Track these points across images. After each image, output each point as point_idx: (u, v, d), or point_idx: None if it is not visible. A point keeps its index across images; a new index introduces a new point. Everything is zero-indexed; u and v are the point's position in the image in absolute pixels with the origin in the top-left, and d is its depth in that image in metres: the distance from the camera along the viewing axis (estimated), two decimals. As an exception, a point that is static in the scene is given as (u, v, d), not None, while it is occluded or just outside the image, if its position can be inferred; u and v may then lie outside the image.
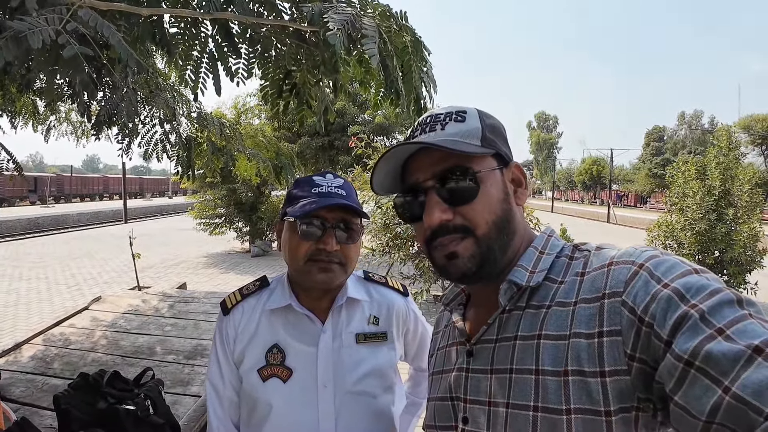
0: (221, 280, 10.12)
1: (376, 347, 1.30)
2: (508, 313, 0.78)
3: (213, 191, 13.39)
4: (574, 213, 39.29)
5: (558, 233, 0.87)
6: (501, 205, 0.79)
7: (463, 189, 0.78)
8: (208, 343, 3.03)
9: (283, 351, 1.24)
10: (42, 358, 2.90)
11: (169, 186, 59.38)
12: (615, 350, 0.63)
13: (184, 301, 3.91)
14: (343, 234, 1.19)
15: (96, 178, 52.26)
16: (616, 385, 0.63)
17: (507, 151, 0.83)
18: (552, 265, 0.78)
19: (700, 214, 8.35)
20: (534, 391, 0.70)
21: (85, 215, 27.25)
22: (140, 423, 1.87)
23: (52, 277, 10.53)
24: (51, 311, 7.61)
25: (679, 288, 0.60)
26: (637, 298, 0.62)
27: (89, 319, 3.54)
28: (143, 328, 3.34)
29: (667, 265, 0.64)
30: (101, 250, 14.65)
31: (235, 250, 14.19)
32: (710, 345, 0.53)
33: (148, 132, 3.88)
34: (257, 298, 1.32)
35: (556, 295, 0.73)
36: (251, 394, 1.24)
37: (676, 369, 0.55)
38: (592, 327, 0.66)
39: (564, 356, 0.68)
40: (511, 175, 0.83)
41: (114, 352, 2.94)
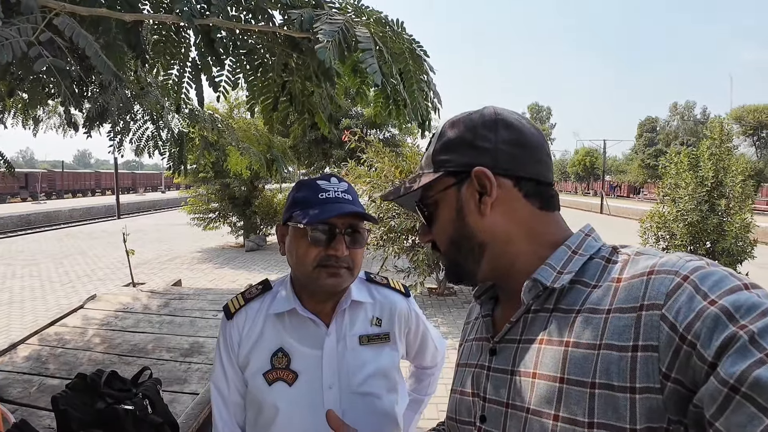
0: (216, 275, 10.10)
1: (379, 348, 1.32)
2: (534, 313, 0.76)
3: (206, 186, 13.33)
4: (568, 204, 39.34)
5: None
6: (452, 224, 0.80)
7: (425, 216, 0.86)
8: (204, 340, 3.03)
9: (288, 355, 1.25)
10: (38, 358, 2.89)
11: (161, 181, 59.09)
12: (649, 367, 0.60)
13: (179, 299, 3.90)
14: (351, 238, 1.21)
15: (88, 173, 51.89)
16: (646, 403, 0.60)
17: (469, 158, 0.78)
18: (585, 267, 0.74)
19: (692, 205, 8.41)
20: (557, 400, 0.67)
21: (78, 211, 27.08)
22: (139, 422, 1.87)
23: (46, 274, 10.46)
24: (45, 309, 7.58)
25: (727, 306, 0.55)
26: (680, 315, 0.58)
27: (84, 318, 3.53)
28: (139, 327, 3.33)
29: (715, 279, 0.59)
30: (94, 246, 14.57)
31: (230, 245, 14.16)
32: (759, 371, 0.49)
33: (139, 128, 3.86)
34: (260, 302, 1.33)
35: (588, 300, 0.69)
36: (257, 397, 1.25)
37: (720, 394, 0.52)
38: (626, 340, 0.62)
39: (592, 367, 0.64)
40: (477, 183, 0.77)
41: (110, 351, 2.94)
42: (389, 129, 17.11)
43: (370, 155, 8.19)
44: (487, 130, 0.79)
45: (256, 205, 13.48)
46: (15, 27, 1.14)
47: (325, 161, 17.35)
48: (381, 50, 1.44)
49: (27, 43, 1.14)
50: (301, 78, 1.91)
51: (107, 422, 1.84)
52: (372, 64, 1.31)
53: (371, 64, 1.32)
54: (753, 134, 42.73)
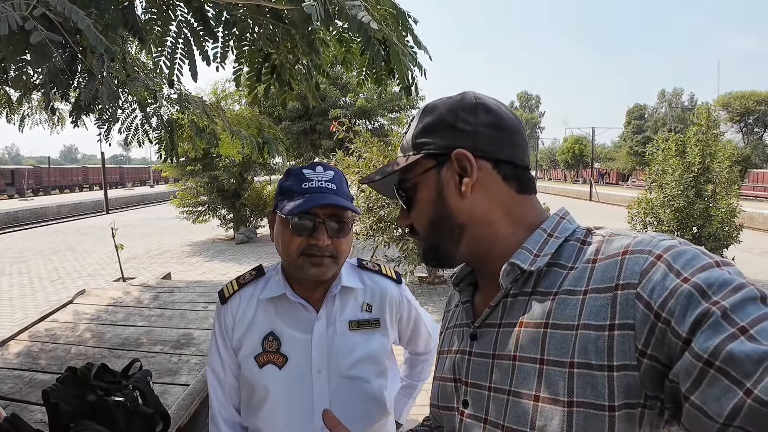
0: (206, 268, 10.07)
1: (369, 334, 1.34)
2: (512, 297, 0.76)
3: (195, 179, 13.23)
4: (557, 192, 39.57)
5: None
6: (432, 205, 0.81)
7: (403, 200, 0.86)
8: (194, 332, 3.04)
9: (279, 338, 1.29)
10: (28, 353, 2.89)
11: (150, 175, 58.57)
12: (625, 344, 0.61)
13: (169, 292, 3.90)
14: (334, 227, 1.22)
15: (75, 169, 51.22)
16: (623, 380, 0.62)
17: (449, 141, 0.79)
18: (561, 250, 0.75)
19: (678, 191, 8.49)
20: (537, 381, 0.68)
21: (65, 207, 26.80)
22: (130, 414, 1.89)
23: (35, 271, 10.38)
24: (35, 306, 7.53)
25: (700, 283, 0.57)
26: (654, 293, 0.60)
27: (74, 313, 3.52)
28: (129, 320, 3.33)
29: (687, 257, 0.61)
30: (83, 242, 14.44)
31: (220, 238, 14.10)
32: (732, 345, 0.51)
33: (127, 117, 3.83)
34: (254, 287, 1.36)
35: (565, 282, 0.71)
36: (249, 379, 1.29)
37: (695, 368, 0.53)
38: (603, 319, 0.64)
39: (571, 347, 0.66)
40: (457, 165, 0.78)
41: (100, 345, 2.94)
42: (378, 119, 17.07)
43: (359, 145, 8.18)
44: (467, 113, 0.80)
45: (246, 198, 13.42)
46: (9, 2, 1.14)
47: (313, 152, 17.29)
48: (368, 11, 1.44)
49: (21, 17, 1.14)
50: (286, 49, 1.92)
51: (98, 414, 1.85)
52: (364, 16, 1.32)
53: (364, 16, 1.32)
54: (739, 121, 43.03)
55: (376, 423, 1.34)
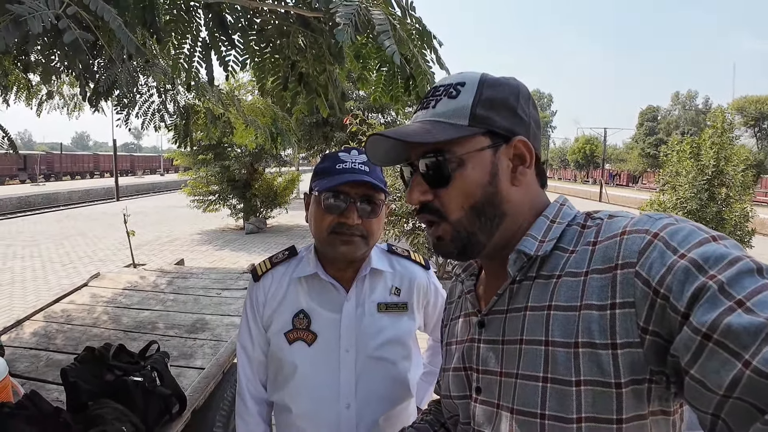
0: (216, 257, 10.14)
1: (396, 317, 1.37)
2: (518, 283, 0.77)
3: (206, 168, 13.31)
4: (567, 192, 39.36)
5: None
6: (482, 189, 0.76)
7: (438, 173, 0.77)
8: (209, 317, 3.06)
9: (309, 316, 1.32)
10: (44, 334, 2.91)
11: (160, 163, 58.89)
12: (627, 322, 0.62)
13: (183, 277, 3.92)
14: (366, 208, 1.25)
15: (86, 156, 51.64)
16: (628, 357, 0.62)
17: (510, 124, 0.77)
18: (563, 234, 0.76)
19: (691, 193, 8.45)
20: (543, 362, 0.69)
21: (77, 193, 27.07)
22: (148, 394, 1.90)
23: (47, 255, 10.49)
24: (47, 289, 7.62)
25: (696, 258, 0.58)
26: (653, 270, 0.61)
27: (89, 295, 3.55)
28: (144, 304, 3.35)
29: (684, 234, 0.62)
30: (94, 228, 14.57)
31: (230, 227, 14.18)
32: (730, 318, 0.52)
33: (145, 102, 3.87)
34: (286, 266, 1.40)
35: (567, 265, 0.72)
36: (278, 355, 1.33)
37: (694, 342, 0.54)
38: (605, 298, 0.65)
39: (575, 328, 0.67)
40: (513, 151, 0.77)
41: (116, 327, 2.96)
42: (391, 113, 17.06)
43: (372, 139, 8.19)
44: (525, 102, 0.79)
45: (256, 188, 13.50)
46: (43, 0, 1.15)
47: (325, 144, 17.31)
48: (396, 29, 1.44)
49: (55, 15, 1.15)
50: (312, 57, 1.92)
51: (116, 393, 1.87)
52: (390, 46, 1.33)
53: (389, 46, 1.33)
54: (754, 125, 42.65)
55: (400, 404, 1.37)
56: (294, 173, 15.48)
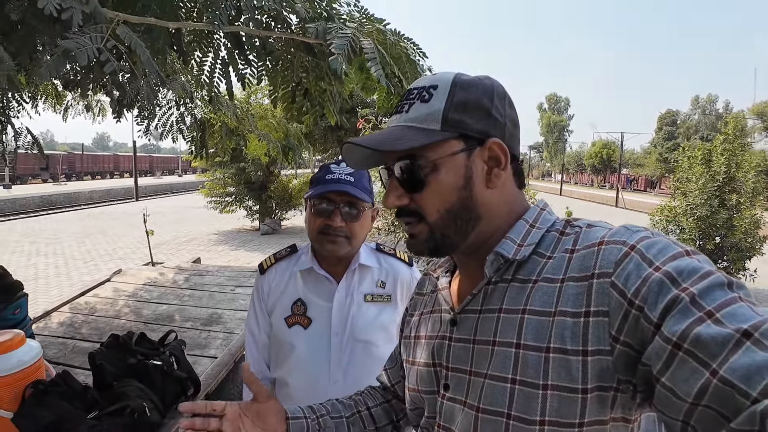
0: (232, 256, 10.38)
1: (381, 306, 1.57)
2: (493, 284, 0.78)
3: (223, 170, 13.59)
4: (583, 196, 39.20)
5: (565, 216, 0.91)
6: (457, 193, 0.76)
7: (413, 178, 0.78)
8: (222, 311, 3.26)
9: (305, 304, 1.54)
10: (71, 324, 3.14)
11: (178, 164, 59.67)
12: (600, 330, 0.64)
13: (199, 275, 4.14)
14: (349, 213, 1.45)
15: (106, 156, 52.44)
16: (597, 364, 0.64)
17: (484, 126, 0.76)
18: (541, 239, 0.77)
19: (701, 200, 8.47)
20: (513, 364, 0.71)
21: (97, 193, 27.62)
22: (166, 376, 2.10)
23: (69, 252, 10.84)
24: (69, 285, 7.91)
25: (670, 271, 0.60)
26: (629, 282, 0.62)
27: (111, 289, 3.78)
28: (162, 299, 3.57)
29: (659, 247, 0.64)
30: (114, 227, 14.95)
31: (245, 228, 14.45)
32: (699, 328, 0.54)
33: (164, 114, 4.09)
34: (288, 261, 1.62)
35: (544, 270, 0.73)
36: (279, 336, 1.55)
37: (665, 351, 0.56)
38: (579, 306, 0.67)
39: (548, 333, 0.68)
40: (488, 153, 0.77)
41: (136, 319, 3.18)
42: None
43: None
44: (500, 101, 0.78)
45: (272, 190, 13.75)
46: (87, 35, 1.35)
47: (339, 147, 17.56)
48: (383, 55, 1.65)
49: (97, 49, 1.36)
50: (315, 77, 2.13)
51: (138, 375, 2.07)
52: (378, 71, 1.54)
53: (377, 71, 1.54)
54: (774, 130, 42.02)
55: None
56: (309, 175, 15.71)
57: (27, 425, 1.78)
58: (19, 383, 1.84)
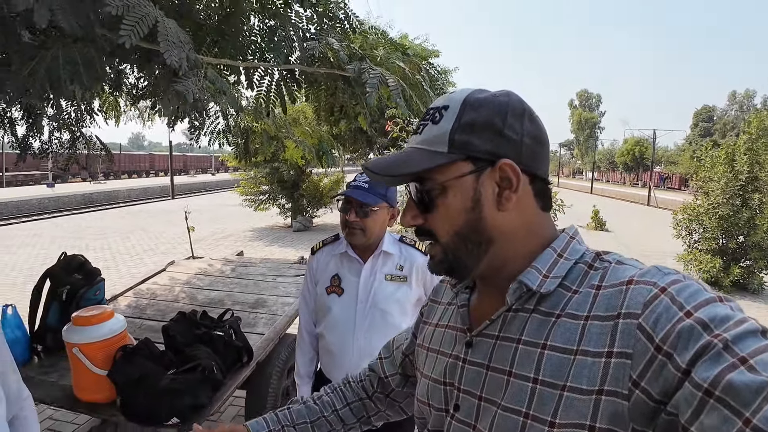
0: (267, 252, 10.90)
1: (398, 285, 2.02)
2: (513, 312, 0.76)
3: (257, 169, 14.15)
4: (614, 195, 38.68)
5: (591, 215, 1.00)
6: (465, 215, 0.75)
7: (423, 200, 0.78)
8: (266, 297, 3.71)
9: (340, 278, 2.04)
10: (136, 306, 3.62)
11: (212, 163, 61.00)
12: (620, 372, 0.62)
13: (244, 266, 4.60)
14: (362, 211, 1.92)
15: (142, 155, 53.80)
16: (610, 406, 0.62)
17: (494, 147, 0.74)
18: (568, 272, 0.74)
19: (723, 199, 8.57)
20: (528, 399, 0.69)
21: (135, 191, 28.61)
22: (226, 345, 2.57)
23: (115, 248, 11.54)
24: (119, 277, 8.48)
25: (703, 318, 0.58)
26: (658, 326, 0.60)
27: (168, 278, 4.27)
28: (213, 286, 4.04)
29: (690, 291, 0.62)
30: (154, 223, 15.68)
31: (278, 225, 14.99)
32: (732, 375, 0.52)
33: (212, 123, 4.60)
34: (331, 246, 2.13)
35: (568, 306, 0.71)
36: (320, 301, 2.06)
37: (695, 398, 0.54)
38: (602, 346, 0.64)
39: (567, 371, 0.66)
40: (498, 174, 0.74)
41: (192, 302, 3.64)
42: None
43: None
44: (515, 119, 0.75)
45: (304, 189, 14.26)
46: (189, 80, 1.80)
47: (369, 148, 18.04)
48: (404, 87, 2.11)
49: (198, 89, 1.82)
50: (349, 97, 2.61)
51: (203, 343, 2.53)
52: (400, 101, 2.01)
53: (399, 102, 2.01)
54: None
55: None
56: (339, 174, 16.16)
57: (120, 379, 2.26)
58: (111, 347, 2.32)
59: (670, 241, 10.34)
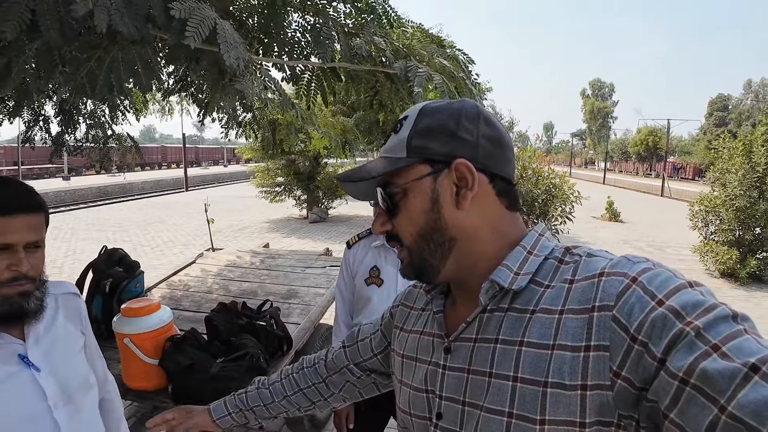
0: (284, 243, 11.03)
1: None
2: (489, 312, 0.77)
3: (273, 161, 14.30)
4: (627, 185, 38.43)
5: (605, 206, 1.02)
6: (425, 215, 0.78)
7: (389, 204, 0.82)
8: (298, 288, 3.81)
9: (379, 270, 2.15)
10: (171, 297, 3.73)
11: (224, 155, 61.28)
12: (600, 365, 0.63)
13: (272, 258, 4.70)
14: None
15: (155, 147, 53.75)
16: (596, 399, 0.63)
17: (450, 149, 0.77)
18: (539, 268, 0.76)
19: (741, 191, 8.55)
20: (510, 398, 0.70)
21: (149, 183, 28.89)
22: (268, 334, 2.67)
23: (136, 240, 11.73)
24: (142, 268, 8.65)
25: (674, 305, 0.59)
26: (632, 316, 0.62)
27: (199, 269, 4.38)
28: (244, 277, 4.15)
29: (661, 279, 0.63)
30: (171, 215, 15.91)
31: (294, 217, 15.16)
32: (705, 363, 0.53)
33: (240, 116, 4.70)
34: (367, 239, 2.24)
35: (542, 301, 0.72)
36: (360, 292, 2.18)
37: (672, 387, 0.55)
38: (579, 340, 0.65)
39: (546, 367, 0.67)
40: (455, 174, 0.77)
41: (226, 293, 3.74)
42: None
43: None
44: (470, 122, 0.78)
45: (319, 180, 14.39)
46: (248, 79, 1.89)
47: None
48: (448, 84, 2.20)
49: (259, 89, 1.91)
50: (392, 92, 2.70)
51: (246, 332, 2.63)
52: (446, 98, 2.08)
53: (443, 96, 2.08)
54: (833, 115, 40.21)
55: None
56: (351, 165, 16.27)
57: (170, 367, 2.37)
58: (160, 337, 2.44)
59: (686, 232, 10.33)
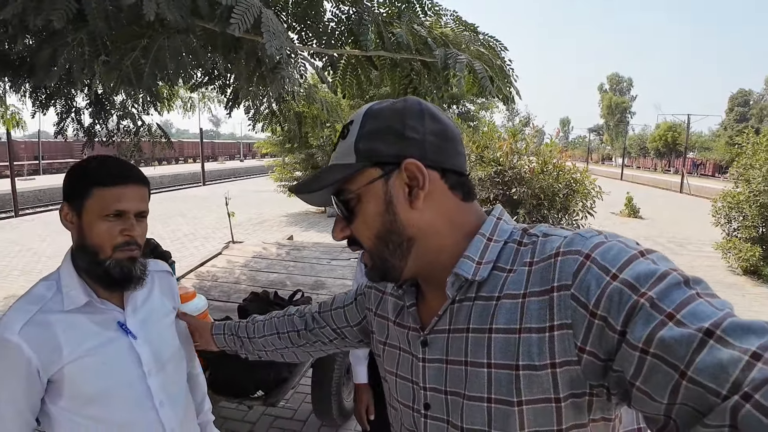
0: (303, 237, 11.05)
1: None
2: (458, 303, 0.79)
3: (292, 155, 14.36)
4: (646, 182, 37.88)
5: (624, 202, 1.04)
6: (381, 218, 0.78)
7: (344, 211, 0.81)
8: (324, 279, 3.84)
9: None
10: (200, 288, 3.77)
11: (240, 150, 61.61)
12: (565, 343, 0.66)
13: (297, 249, 4.74)
14: None
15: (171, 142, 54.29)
16: (566, 374, 0.67)
17: (398, 149, 0.77)
18: (500, 253, 0.77)
19: (765, 186, 8.43)
20: (487, 384, 0.73)
21: (167, 178, 29.06)
22: (301, 323, 2.72)
23: (157, 233, 11.78)
24: (164, 260, 8.77)
25: (628, 279, 0.62)
26: (590, 293, 0.64)
27: (225, 261, 4.43)
28: (271, 268, 4.19)
29: (613, 253, 0.65)
30: (190, 209, 16.02)
31: (311, 211, 15.18)
32: (663, 332, 0.56)
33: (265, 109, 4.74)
34: None
35: (505, 286, 0.74)
36: None
37: (633, 357, 0.58)
38: (543, 321, 0.68)
39: (515, 350, 0.70)
40: (406, 174, 0.76)
41: (254, 284, 3.77)
42: (465, 104, 17.60)
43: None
44: (415, 119, 0.78)
45: (337, 174, 14.41)
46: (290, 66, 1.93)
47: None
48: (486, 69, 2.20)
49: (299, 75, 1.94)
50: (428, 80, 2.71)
51: (280, 322, 2.67)
52: (487, 85, 2.09)
53: (486, 85, 2.09)
54: None
55: None
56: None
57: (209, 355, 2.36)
58: (197, 324, 2.47)
59: (706, 229, 10.20)
